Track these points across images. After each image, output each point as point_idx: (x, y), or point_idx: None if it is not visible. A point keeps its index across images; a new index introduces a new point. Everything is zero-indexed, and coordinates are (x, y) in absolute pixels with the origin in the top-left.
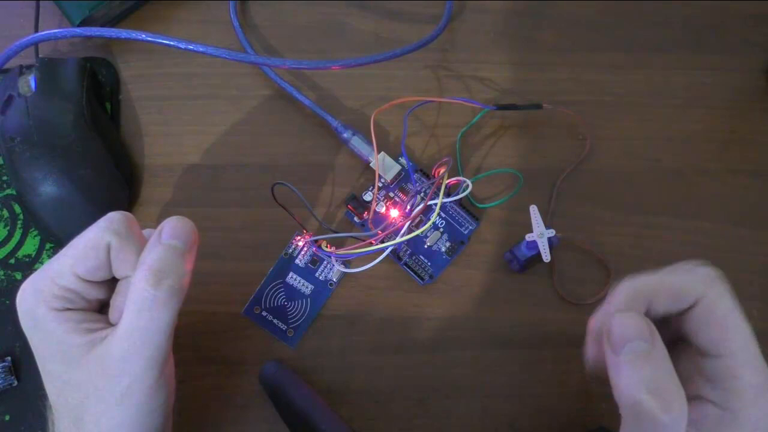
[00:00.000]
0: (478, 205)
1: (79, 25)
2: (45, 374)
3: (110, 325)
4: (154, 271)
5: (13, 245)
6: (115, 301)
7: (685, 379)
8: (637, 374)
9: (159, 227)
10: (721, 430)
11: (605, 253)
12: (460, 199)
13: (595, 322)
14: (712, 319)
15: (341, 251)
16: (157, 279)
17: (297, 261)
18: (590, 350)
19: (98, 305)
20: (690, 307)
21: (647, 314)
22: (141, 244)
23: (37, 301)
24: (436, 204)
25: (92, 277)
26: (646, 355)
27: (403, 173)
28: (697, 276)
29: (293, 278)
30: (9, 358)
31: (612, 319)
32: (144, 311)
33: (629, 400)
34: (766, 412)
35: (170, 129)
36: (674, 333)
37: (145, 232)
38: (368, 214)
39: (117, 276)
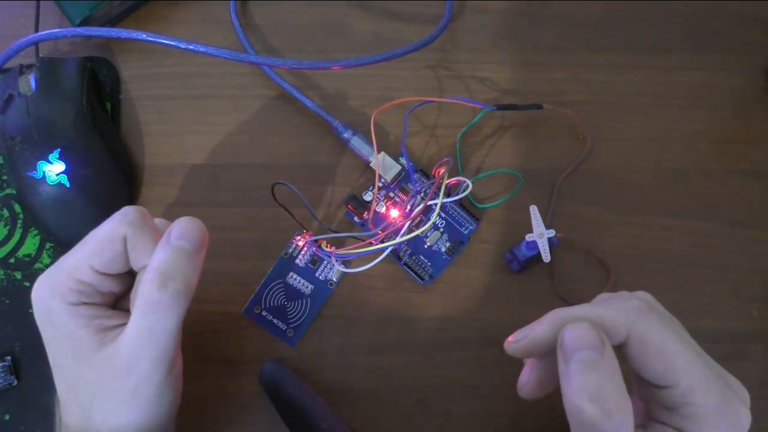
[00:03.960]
0: (478, 205)
1: (79, 25)
2: (56, 369)
3: (122, 321)
4: (161, 273)
5: (13, 245)
6: (135, 294)
7: (645, 406)
8: (582, 382)
9: (169, 227)
10: None
11: (605, 253)
12: (460, 199)
13: (512, 342)
14: (648, 353)
15: (341, 251)
16: (163, 281)
17: (297, 261)
18: (527, 372)
19: (112, 299)
20: (625, 342)
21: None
22: (156, 235)
23: (52, 294)
24: (436, 204)
25: (108, 269)
26: (593, 364)
27: (403, 173)
28: (625, 309)
29: (293, 278)
30: (9, 357)
31: (565, 330)
32: (150, 313)
33: (573, 407)
34: (727, 428)
35: (170, 129)
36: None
37: (158, 221)
38: (368, 214)
39: (135, 267)
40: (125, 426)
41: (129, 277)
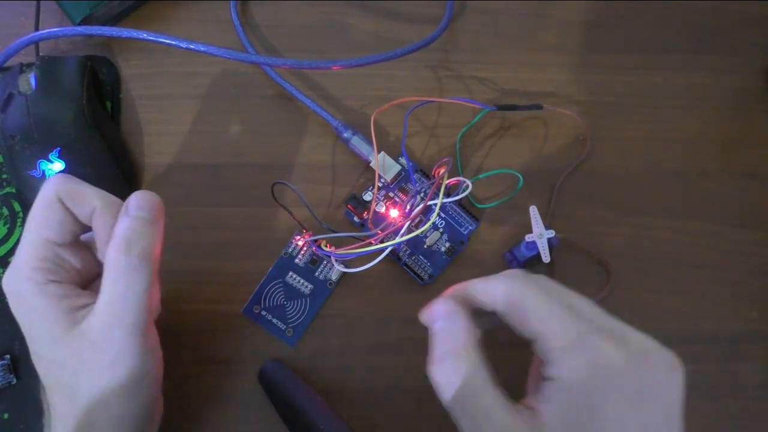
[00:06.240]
0: (478, 205)
1: (79, 24)
2: (33, 356)
3: (91, 300)
4: (124, 240)
5: (13, 243)
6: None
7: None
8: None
9: (126, 202)
10: (555, 396)
11: (605, 253)
12: (460, 199)
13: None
14: (516, 309)
15: (341, 251)
16: (127, 246)
17: (297, 260)
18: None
19: (78, 278)
20: (502, 309)
21: (479, 311)
22: (86, 184)
23: (20, 279)
24: (435, 204)
25: (62, 236)
26: (443, 330)
27: (403, 173)
28: (502, 277)
29: (293, 278)
30: (8, 356)
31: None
32: (119, 279)
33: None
34: (583, 363)
35: (170, 128)
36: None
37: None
38: (368, 214)
39: (85, 220)
40: (110, 396)
41: (89, 255)
